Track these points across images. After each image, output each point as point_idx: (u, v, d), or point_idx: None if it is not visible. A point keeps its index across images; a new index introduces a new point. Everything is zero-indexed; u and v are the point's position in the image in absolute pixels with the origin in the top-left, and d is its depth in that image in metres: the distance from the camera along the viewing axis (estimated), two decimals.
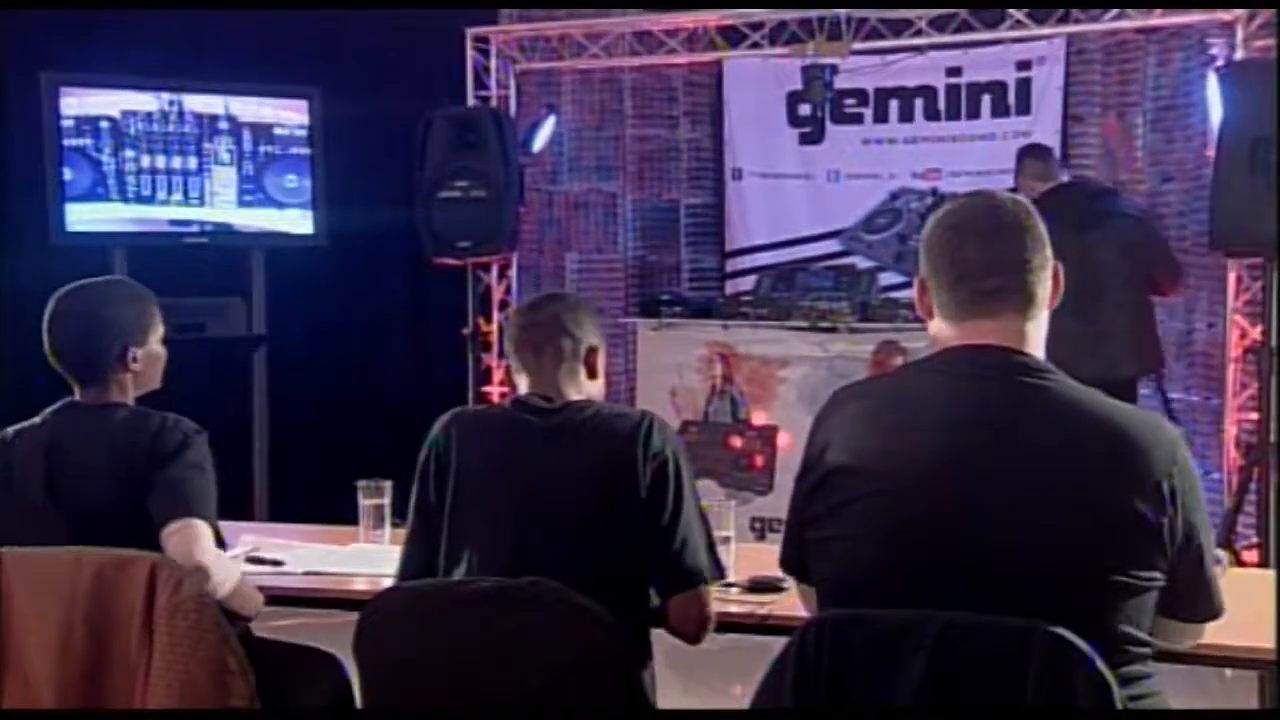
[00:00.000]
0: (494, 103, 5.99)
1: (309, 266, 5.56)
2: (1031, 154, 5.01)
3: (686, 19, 5.83)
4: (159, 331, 2.53)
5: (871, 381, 2.19)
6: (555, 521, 2.22)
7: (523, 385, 2.40)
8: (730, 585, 2.48)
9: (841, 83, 5.94)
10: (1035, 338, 1.86)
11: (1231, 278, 4.95)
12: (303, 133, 5.54)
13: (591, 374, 2.41)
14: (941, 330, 1.89)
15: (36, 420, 2.46)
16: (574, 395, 2.36)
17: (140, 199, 5.31)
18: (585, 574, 2.10)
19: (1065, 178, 4.94)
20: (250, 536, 2.94)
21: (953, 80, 6.07)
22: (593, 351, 2.40)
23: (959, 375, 1.83)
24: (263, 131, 5.49)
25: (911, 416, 1.83)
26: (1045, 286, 1.86)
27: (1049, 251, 1.87)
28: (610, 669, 2.05)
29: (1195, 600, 1.86)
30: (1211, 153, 4.89)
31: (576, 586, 2.03)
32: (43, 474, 2.35)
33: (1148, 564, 1.74)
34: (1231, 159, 4.27)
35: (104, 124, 5.21)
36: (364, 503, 2.96)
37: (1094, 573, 1.71)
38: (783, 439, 5.27)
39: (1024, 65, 5.92)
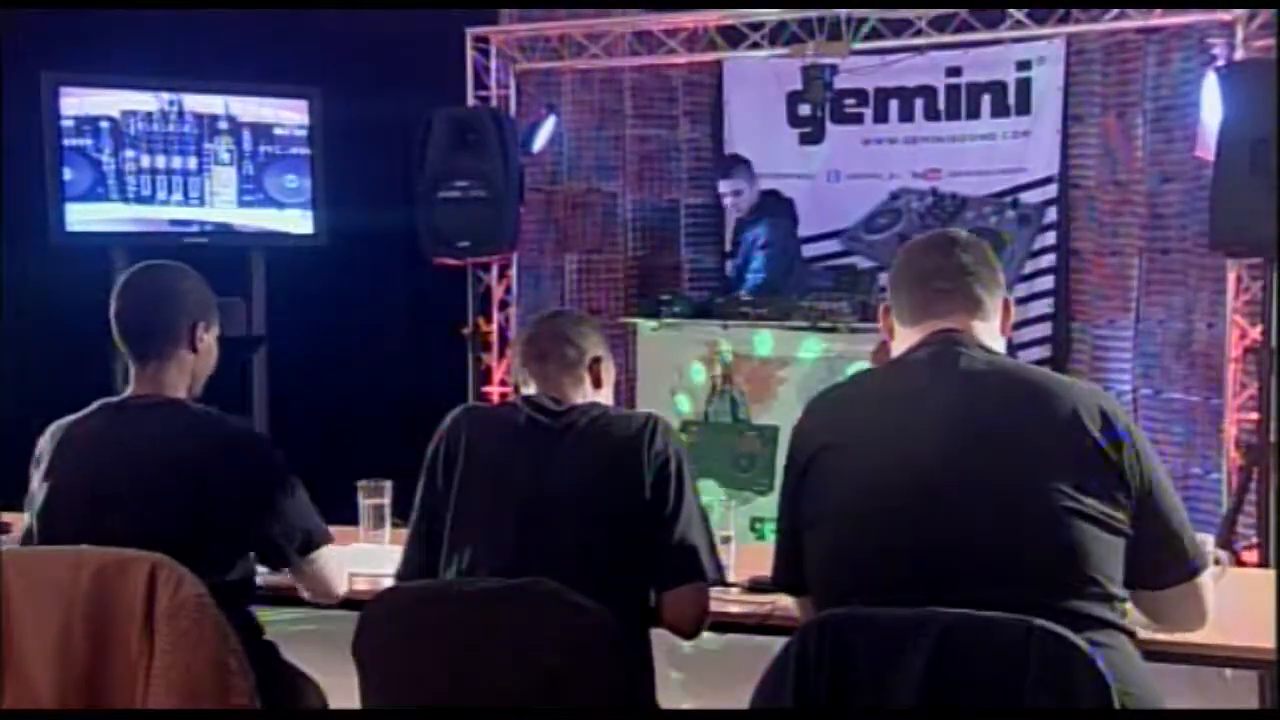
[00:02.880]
0: (494, 103, 5.99)
1: (309, 266, 5.56)
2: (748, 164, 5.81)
3: (686, 19, 5.83)
4: (218, 325, 2.54)
5: (840, 383, 2.33)
6: (558, 520, 2.23)
7: (530, 392, 2.42)
8: (730, 585, 2.48)
9: (841, 83, 5.93)
10: (984, 337, 2.04)
11: (1231, 278, 4.95)
12: (303, 133, 5.53)
13: (596, 383, 2.44)
14: (901, 339, 2.10)
15: (88, 411, 2.41)
16: (579, 400, 2.38)
17: (140, 199, 5.31)
18: (586, 574, 2.10)
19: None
20: None
21: (953, 80, 6.07)
22: (597, 362, 2.44)
23: (908, 361, 2.03)
24: (263, 131, 5.49)
25: (884, 398, 2.02)
26: (994, 300, 2.07)
27: (1001, 279, 2.11)
28: (610, 669, 2.05)
29: (1165, 562, 1.93)
30: (1199, 153, 4.90)
31: (577, 586, 2.03)
32: (92, 472, 2.31)
33: (1107, 496, 1.83)
34: (1231, 159, 4.27)
35: (104, 124, 5.21)
36: (364, 503, 2.96)
37: (1053, 496, 1.81)
38: (783, 438, 5.26)
39: (1024, 65, 5.92)
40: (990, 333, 2.06)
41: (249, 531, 2.37)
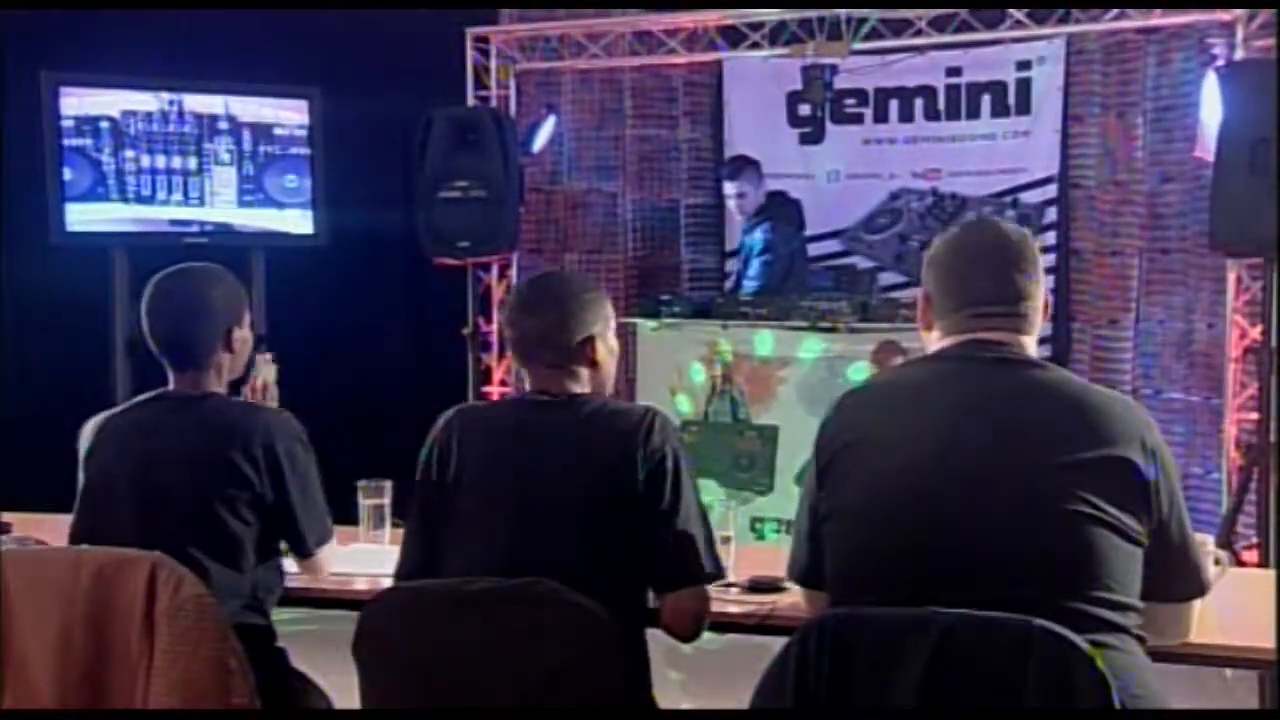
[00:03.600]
0: (494, 103, 5.99)
1: (309, 266, 5.56)
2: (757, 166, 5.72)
3: (686, 19, 5.83)
4: (249, 316, 2.58)
5: (872, 379, 2.30)
6: (554, 518, 2.21)
7: (528, 383, 2.41)
8: (730, 585, 2.48)
9: (841, 83, 5.93)
10: (1027, 349, 2.03)
11: (1231, 278, 4.95)
12: (303, 133, 5.53)
13: (591, 364, 2.37)
14: (936, 339, 2.07)
15: (127, 405, 2.49)
16: (576, 390, 2.35)
17: (140, 199, 5.31)
18: (583, 572, 2.09)
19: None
20: None
21: (953, 80, 6.07)
22: (588, 342, 2.36)
23: (951, 359, 2.01)
24: (263, 131, 5.49)
25: (910, 396, 2.01)
26: (1039, 313, 2.06)
27: (1041, 278, 2.07)
28: (609, 668, 2.05)
29: (1180, 577, 1.95)
30: (1198, 153, 4.90)
31: (574, 585, 2.02)
32: (129, 467, 2.38)
33: (1130, 510, 1.83)
34: (1231, 159, 4.27)
35: (104, 124, 5.21)
36: (364, 503, 2.96)
37: (1071, 500, 1.80)
38: (783, 438, 5.26)
39: (1024, 65, 5.91)
40: (1032, 343, 2.05)
41: (279, 518, 2.44)
